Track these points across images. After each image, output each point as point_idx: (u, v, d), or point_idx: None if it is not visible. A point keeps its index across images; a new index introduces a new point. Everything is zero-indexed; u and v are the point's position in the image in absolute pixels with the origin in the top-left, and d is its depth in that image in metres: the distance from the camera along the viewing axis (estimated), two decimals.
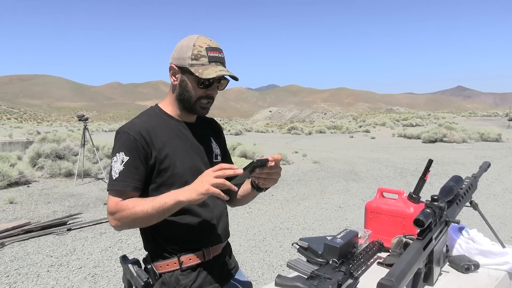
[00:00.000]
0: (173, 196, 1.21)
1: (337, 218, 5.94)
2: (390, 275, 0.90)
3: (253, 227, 5.53)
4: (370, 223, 1.61)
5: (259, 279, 3.82)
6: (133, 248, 4.67)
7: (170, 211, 1.23)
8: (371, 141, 21.80)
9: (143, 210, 1.22)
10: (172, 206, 1.21)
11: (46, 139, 10.91)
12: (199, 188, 1.16)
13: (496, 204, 6.59)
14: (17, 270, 4.04)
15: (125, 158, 1.28)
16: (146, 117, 1.40)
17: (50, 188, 8.32)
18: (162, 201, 1.22)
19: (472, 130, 20.42)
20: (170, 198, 1.21)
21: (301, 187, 8.37)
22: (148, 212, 1.22)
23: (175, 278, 1.34)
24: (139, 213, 1.22)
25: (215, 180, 1.14)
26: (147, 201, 1.24)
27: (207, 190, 1.14)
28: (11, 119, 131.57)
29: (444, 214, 1.22)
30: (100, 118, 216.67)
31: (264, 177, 1.27)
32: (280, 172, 1.31)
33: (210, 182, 1.14)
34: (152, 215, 1.22)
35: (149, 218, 1.24)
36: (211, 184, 1.14)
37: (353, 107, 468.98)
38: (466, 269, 1.34)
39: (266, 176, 1.26)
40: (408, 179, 9.06)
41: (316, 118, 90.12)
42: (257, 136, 27.79)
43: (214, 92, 1.38)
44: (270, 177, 1.28)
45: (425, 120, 37.25)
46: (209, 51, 1.33)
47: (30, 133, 25.75)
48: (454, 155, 13.63)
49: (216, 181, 1.13)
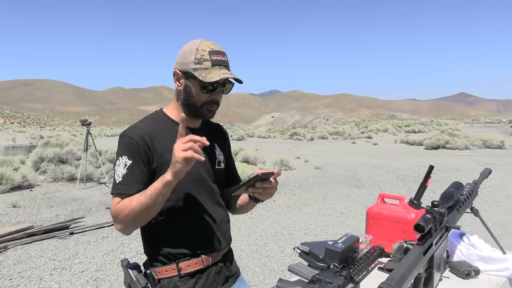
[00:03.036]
0: (160, 179, 1.20)
1: (339, 224, 5.94)
2: (390, 280, 0.90)
3: (254, 232, 5.53)
4: (371, 228, 1.62)
5: (260, 284, 3.82)
6: (135, 252, 4.68)
7: (163, 195, 1.21)
8: (373, 147, 21.78)
9: (138, 202, 1.22)
10: (163, 188, 1.19)
11: (49, 143, 10.95)
12: (174, 160, 1.15)
13: (498, 211, 6.58)
14: (20, 273, 4.05)
15: (128, 161, 1.29)
16: (149, 121, 1.40)
17: (52, 192, 8.34)
18: (153, 187, 1.21)
19: (475, 137, 20.36)
20: (158, 182, 1.21)
21: (303, 193, 8.37)
22: (143, 202, 1.21)
23: (174, 284, 1.34)
24: (136, 206, 1.22)
25: (184, 145, 1.13)
26: (140, 194, 1.24)
27: (180, 157, 1.13)
28: (14, 123, 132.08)
29: (444, 220, 1.22)
30: (103, 122, 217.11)
31: (260, 192, 1.26)
32: (277, 187, 1.30)
33: (181, 148, 1.13)
34: (148, 204, 1.21)
35: (147, 208, 1.22)
36: (182, 149, 1.13)
37: (355, 113, 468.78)
38: (467, 274, 1.34)
39: (263, 190, 1.25)
40: (410, 185, 9.05)
41: (318, 124, 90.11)
42: (259, 142, 27.81)
43: (218, 96, 1.37)
44: (266, 191, 1.27)
45: (427, 127, 37.16)
46: (212, 54, 1.32)
47: (33, 137, 25.81)
48: (456, 161, 13.60)
49: (184, 146, 1.13)
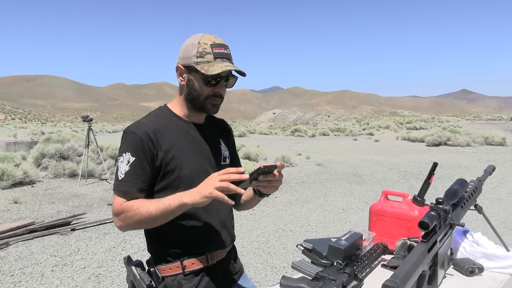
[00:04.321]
0: (178, 198, 1.20)
1: (341, 221, 5.94)
2: (395, 277, 0.90)
3: (256, 229, 5.54)
4: (374, 225, 1.61)
5: (262, 280, 3.82)
6: (136, 248, 4.68)
7: (174, 213, 1.22)
8: (374, 144, 21.76)
9: (147, 211, 1.21)
10: (177, 208, 1.20)
11: (51, 139, 10.97)
12: (203, 191, 1.14)
13: (500, 208, 6.57)
14: (22, 269, 4.06)
15: (131, 158, 1.27)
16: (154, 117, 1.38)
17: (54, 188, 8.36)
18: (167, 202, 1.20)
19: (476, 134, 20.30)
20: (174, 200, 1.20)
21: (304, 190, 8.37)
22: (152, 213, 1.21)
23: (178, 282, 1.33)
24: (144, 214, 1.22)
25: (219, 184, 1.12)
26: (151, 203, 1.23)
27: (210, 194, 1.13)
28: (15, 119, 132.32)
29: (448, 217, 1.22)
30: (104, 119, 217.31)
31: (265, 185, 1.23)
32: (282, 180, 1.28)
33: (215, 185, 1.12)
34: (156, 216, 1.21)
35: (153, 219, 1.22)
36: (215, 187, 1.12)
37: (357, 109, 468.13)
38: (470, 272, 1.34)
39: (267, 184, 1.22)
40: (412, 182, 9.04)
41: (319, 121, 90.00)
42: (261, 138, 27.79)
43: (222, 90, 1.36)
44: (270, 185, 1.24)
45: (429, 124, 37.08)
46: (214, 47, 1.31)
47: (34, 133, 25.85)
48: (458, 158, 13.58)
49: (220, 185, 1.12)
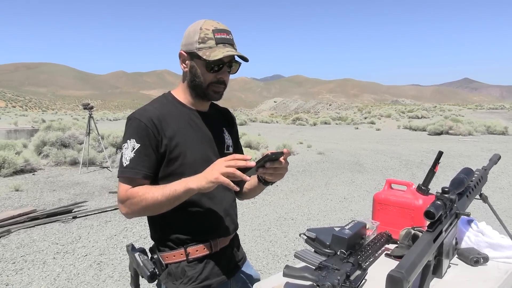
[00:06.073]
0: (184, 183, 1.19)
1: (342, 209, 5.94)
2: (400, 267, 0.88)
3: (257, 217, 5.54)
4: (378, 214, 1.59)
5: (263, 268, 3.83)
6: (138, 236, 4.69)
7: (180, 198, 1.22)
8: (376, 133, 21.72)
9: (153, 197, 1.21)
10: (182, 193, 1.20)
11: (51, 127, 10.96)
12: (209, 176, 1.14)
13: (502, 197, 6.56)
14: (24, 257, 4.08)
15: (136, 145, 1.27)
16: (158, 104, 1.38)
17: (55, 176, 8.37)
18: (172, 188, 1.20)
19: (478, 123, 20.27)
20: (180, 185, 1.20)
21: (305, 178, 8.37)
22: (158, 199, 1.21)
23: (182, 269, 1.34)
24: (149, 200, 1.21)
25: (225, 169, 1.12)
26: (157, 189, 1.23)
27: (216, 179, 1.13)
28: (16, 107, 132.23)
29: (454, 207, 1.20)
30: (105, 107, 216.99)
31: (271, 172, 1.23)
32: (287, 167, 1.27)
33: (221, 170, 1.12)
34: (162, 202, 1.21)
35: (159, 205, 1.23)
36: (221, 172, 1.12)
37: (358, 98, 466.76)
38: (475, 261, 1.32)
39: (273, 171, 1.22)
40: (414, 171, 9.03)
41: (321, 109, 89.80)
42: (262, 127, 27.75)
43: (225, 76, 1.35)
44: (277, 172, 1.24)
45: (431, 112, 36.98)
46: (216, 33, 1.30)
47: (35, 121, 25.85)
48: (460, 147, 13.55)
49: (226, 170, 1.12)
